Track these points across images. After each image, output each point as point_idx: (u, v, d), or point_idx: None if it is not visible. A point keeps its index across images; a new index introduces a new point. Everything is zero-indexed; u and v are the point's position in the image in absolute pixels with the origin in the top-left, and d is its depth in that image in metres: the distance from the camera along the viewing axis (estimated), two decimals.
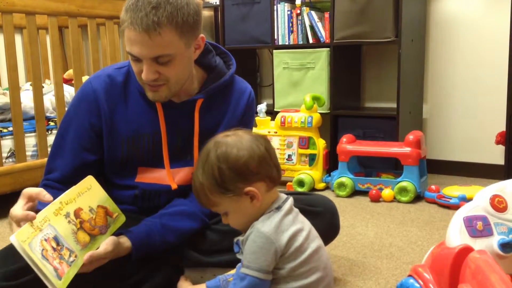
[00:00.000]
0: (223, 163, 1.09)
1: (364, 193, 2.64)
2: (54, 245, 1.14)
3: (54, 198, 1.19)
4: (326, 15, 2.91)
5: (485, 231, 1.25)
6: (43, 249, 1.11)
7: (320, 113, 2.83)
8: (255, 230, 1.10)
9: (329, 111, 2.95)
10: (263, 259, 1.08)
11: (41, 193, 1.17)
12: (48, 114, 2.65)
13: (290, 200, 1.18)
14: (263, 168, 1.12)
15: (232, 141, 1.12)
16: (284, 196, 1.19)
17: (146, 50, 1.22)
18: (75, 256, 1.16)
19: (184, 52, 1.28)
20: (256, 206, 1.12)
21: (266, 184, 1.13)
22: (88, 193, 1.25)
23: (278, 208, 1.14)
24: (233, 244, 1.17)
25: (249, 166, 1.10)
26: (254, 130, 2.82)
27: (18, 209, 1.15)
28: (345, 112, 2.98)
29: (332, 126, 2.96)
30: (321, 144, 2.77)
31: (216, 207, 1.14)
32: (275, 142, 2.85)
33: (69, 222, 1.17)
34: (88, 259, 1.17)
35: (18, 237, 1.08)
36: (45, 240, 1.12)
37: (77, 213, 1.20)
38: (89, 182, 1.25)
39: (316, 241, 1.16)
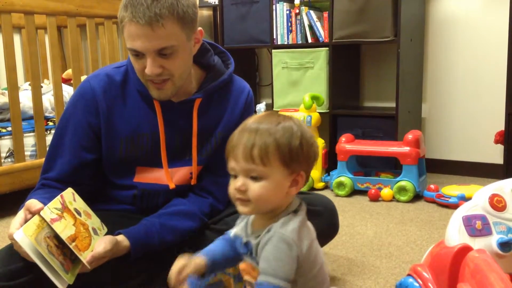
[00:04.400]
0: (304, 140, 1.02)
1: (363, 192, 2.64)
2: (56, 242, 1.15)
3: (52, 198, 1.20)
4: (325, 14, 2.91)
5: (484, 230, 1.25)
6: (48, 245, 1.12)
7: (319, 113, 2.83)
8: (277, 234, 1.00)
9: (328, 111, 2.95)
10: (289, 267, 0.98)
11: (36, 205, 1.18)
12: (47, 114, 2.65)
13: (304, 204, 1.09)
14: (315, 164, 1.08)
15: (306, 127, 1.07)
16: (297, 199, 1.10)
17: (150, 43, 1.22)
18: (76, 255, 1.16)
19: (185, 44, 1.29)
20: (289, 195, 1.03)
21: (306, 179, 1.06)
22: (76, 200, 1.26)
23: (296, 211, 1.05)
24: (239, 244, 1.09)
25: (316, 156, 1.06)
26: None
27: (16, 223, 1.17)
28: (344, 111, 2.98)
29: (331, 125, 2.96)
30: (320, 143, 2.77)
31: (255, 167, 0.99)
32: None
33: (65, 224, 1.18)
34: (90, 259, 1.17)
35: (25, 231, 1.09)
36: (48, 237, 1.13)
37: (72, 215, 1.21)
38: (71, 191, 1.27)
39: (322, 253, 1.10)
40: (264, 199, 1.01)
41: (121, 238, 1.29)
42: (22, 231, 1.09)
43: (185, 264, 1.09)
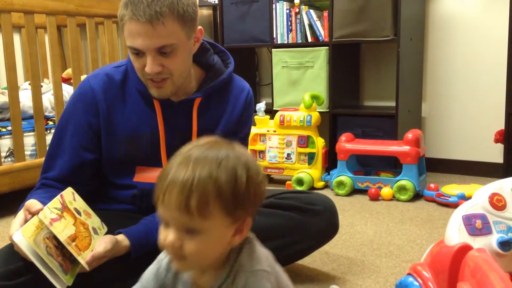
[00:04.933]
0: (251, 180, 0.84)
1: (363, 191, 2.64)
2: (56, 243, 1.15)
3: (52, 197, 1.20)
4: (325, 13, 2.91)
5: (484, 230, 1.25)
6: (46, 246, 1.12)
7: (319, 112, 2.83)
8: (252, 276, 0.86)
9: (328, 110, 2.95)
10: None
11: (35, 205, 1.19)
12: (47, 114, 2.65)
13: None
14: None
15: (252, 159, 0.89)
16: None
17: (150, 41, 1.22)
18: (76, 255, 1.16)
19: (185, 43, 1.29)
20: (232, 244, 0.86)
21: (251, 223, 0.88)
22: (76, 200, 1.26)
23: (244, 240, 0.91)
24: None
25: (264, 194, 0.88)
26: (253, 129, 2.82)
27: (17, 224, 1.17)
28: (344, 111, 2.98)
29: (331, 125, 2.96)
30: (320, 143, 2.77)
31: (192, 219, 0.81)
32: (274, 141, 2.85)
33: (64, 224, 1.18)
34: (90, 259, 1.17)
35: (24, 233, 1.09)
36: (47, 238, 1.13)
37: (72, 215, 1.21)
38: (71, 191, 1.26)
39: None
40: (204, 256, 0.84)
41: (121, 237, 1.29)
42: (21, 233, 1.09)
43: None
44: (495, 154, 2.88)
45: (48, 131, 2.59)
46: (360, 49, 3.18)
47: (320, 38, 2.95)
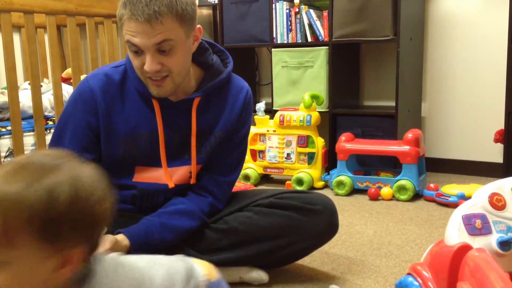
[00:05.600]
0: (79, 200, 0.69)
1: (363, 191, 2.64)
2: None
3: None
4: (325, 13, 2.91)
5: (484, 229, 1.24)
6: None
7: (319, 112, 2.83)
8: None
9: (328, 110, 2.95)
10: None
11: None
12: (46, 113, 2.65)
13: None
14: (105, 224, 0.75)
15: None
16: None
17: (149, 38, 1.23)
18: None
19: (184, 41, 1.29)
20: (58, 280, 0.70)
21: (89, 251, 0.74)
22: None
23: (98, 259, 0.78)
24: None
25: (102, 216, 0.74)
26: (253, 129, 2.82)
27: None
28: (344, 110, 2.98)
29: (331, 124, 2.96)
30: (320, 142, 2.77)
31: None
32: (274, 141, 2.85)
33: None
34: None
35: None
36: None
37: None
38: None
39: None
40: None
41: (121, 237, 1.29)
42: None
43: None
44: (495, 154, 2.87)
45: (48, 131, 2.59)
46: (360, 49, 3.18)
47: (320, 38, 2.95)
